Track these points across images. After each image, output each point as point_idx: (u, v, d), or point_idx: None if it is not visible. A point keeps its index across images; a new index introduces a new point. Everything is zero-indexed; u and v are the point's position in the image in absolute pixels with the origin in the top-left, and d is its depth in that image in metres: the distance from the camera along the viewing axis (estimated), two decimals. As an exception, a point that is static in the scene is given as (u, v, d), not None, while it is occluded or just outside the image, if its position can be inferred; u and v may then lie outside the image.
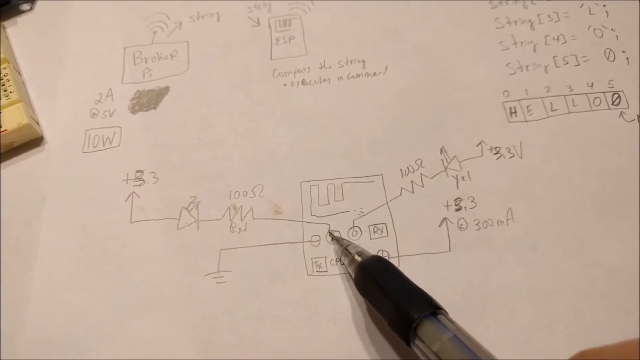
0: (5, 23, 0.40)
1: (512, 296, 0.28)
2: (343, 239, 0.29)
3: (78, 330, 0.29)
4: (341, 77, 0.35)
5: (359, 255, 0.27)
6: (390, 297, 0.24)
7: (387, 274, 0.26)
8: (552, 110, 0.32)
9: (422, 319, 0.23)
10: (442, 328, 0.22)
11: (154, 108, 0.35)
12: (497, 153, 0.31)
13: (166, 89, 0.36)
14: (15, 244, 0.32)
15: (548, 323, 0.27)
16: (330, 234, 0.30)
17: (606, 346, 0.20)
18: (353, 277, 0.27)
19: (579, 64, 0.34)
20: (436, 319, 0.23)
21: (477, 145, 0.32)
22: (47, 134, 0.35)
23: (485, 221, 0.30)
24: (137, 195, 0.32)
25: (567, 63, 0.34)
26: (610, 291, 0.27)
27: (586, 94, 0.33)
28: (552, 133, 0.32)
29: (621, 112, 0.32)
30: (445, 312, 0.24)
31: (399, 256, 0.29)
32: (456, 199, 0.30)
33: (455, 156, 0.32)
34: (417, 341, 0.23)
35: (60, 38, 0.39)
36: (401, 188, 0.31)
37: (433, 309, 0.23)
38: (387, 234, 0.30)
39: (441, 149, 0.32)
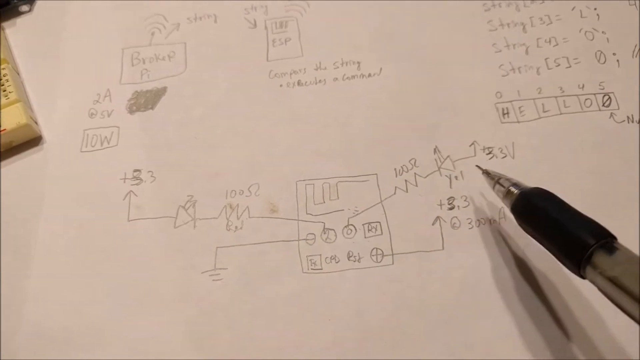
0: (5, 24, 0.40)
1: (505, 294, 0.28)
2: (493, 173, 0.29)
3: (76, 327, 0.29)
4: (336, 78, 0.36)
5: (516, 187, 0.26)
6: (561, 224, 0.23)
7: (554, 203, 0.25)
8: (544, 112, 0.33)
9: (597, 247, 0.22)
10: (619, 255, 0.22)
11: (152, 108, 0.36)
12: (489, 153, 0.32)
13: (164, 90, 0.36)
14: (14, 243, 0.32)
15: (542, 322, 0.27)
16: (479, 167, 0.30)
17: None
18: (510, 206, 0.26)
19: (570, 66, 0.34)
20: (613, 246, 0.22)
21: (470, 146, 0.32)
22: (46, 134, 0.35)
23: (478, 220, 0.30)
24: (135, 194, 0.33)
25: (559, 65, 0.34)
26: (600, 289, 0.28)
27: (577, 95, 0.33)
28: (543, 134, 0.32)
29: (611, 113, 0.32)
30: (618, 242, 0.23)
31: (392, 254, 0.29)
32: (449, 198, 0.31)
33: (448, 156, 0.32)
34: (589, 268, 0.22)
35: (58, 39, 0.39)
36: (395, 187, 0.31)
37: (608, 237, 0.22)
38: (382, 232, 0.30)
39: (435, 149, 0.32)
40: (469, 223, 0.30)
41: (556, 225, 0.24)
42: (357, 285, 0.29)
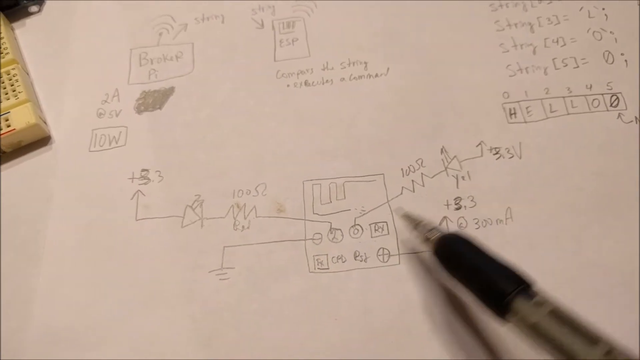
0: (14, 24, 0.41)
1: (510, 294, 0.28)
2: (413, 217, 0.29)
3: (84, 326, 0.29)
4: (343, 79, 0.36)
5: (435, 231, 0.27)
6: (480, 270, 0.24)
7: (473, 248, 0.25)
8: (551, 112, 0.33)
9: (517, 293, 0.22)
10: (538, 301, 0.22)
11: (159, 108, 0.36)
12: (496, 153, 0.32)
13: (171, 90, 0.37)
14: (22, 242, 0.32)
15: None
16: (400, 211, 0.30)
17: None
18: (433, 251, 0.27)
19: (578, 66, 0.34)
20: (532, 292, 0.22)
21: (477, 146, 0.32)
22: (54, 133, 0.36)
23: (484, 220, 0.30)
24: (143, 194, 0.33)
25: (566, 65, 0.34)
26: (606, 290, 0.28)
27: (585, 95, 0.33)
28: (551, 134, 0.32)
29: (619, 113, 0.32)
30: (536, 287, 0.23)
31: (399, 254, 0.29)
32: (456, 198, 0.31)
33: (455, 156, 0.32)
34: (509, 315, 0.22)
35: (67, 39, 0.39)
36: (402, 187, 0.31)
37: (526, 283, 0.23)
38: (388, 232, 0.30)
39: (442, 149, 0.32)
40: (476, 223, 0.30)
41: (475, 272, 0.24)
42: (364, 285, 0.29)
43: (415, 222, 0.28)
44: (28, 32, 0.40)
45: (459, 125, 0.33)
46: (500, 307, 0.23)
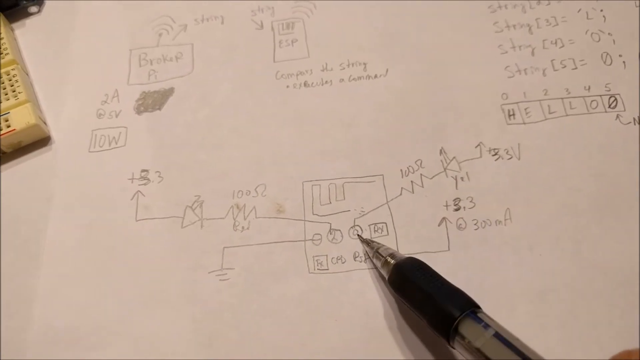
0: (14, 25, 0.41)
1: (509, 295, 0.28)
2: (373, 241, 0.29)
3: (84, 326, 0.29)
4: (343, 79, 0.36)
5: (392, 258, 0.27)
6: (430, 296, 0.25)
7: (424, 274, 0.26)
8: (550, 113, 0.33)
9: (463, 317, 0.23)
10: (484, 325, 0.23)
11: (159, 109, 0.36)
12: (495, 154, 0.32)
13: (171, 90, 0.37)
14: (23, 242, 0.32)
15: (544, 322, 0.27)
16: (359, 236, 0.30)
17: None
18: (387, 277, 0.27)
19: (576, 68, 0.34)
20: (477, 317, 0.23)
21: (476, 147, 0.32)
22: (54, 134, 0.36)
23: (483, 221, 0.30)
24: (142, 194, 0.33)
25: (565, 66, 0.34)
26: (605, 291, 0.28)
27: (583, 97, 0.33)
28: (549, 135, 0.32)
29: (617, 114, 0.32)
30: (483, 311, 0.24)
31: (398, 255, 0.30)
32: (455, 199, 0.31)
33: (454, 157, 0.32)
34: (458, 339, 0.23)
35: (67, 40, 0.39)
36: (401, 188, 0.31)
37: (473, 307, 0.24)
38: (388, 233, 0.30)
39: (441, 150, 0.32)
40: (475, 224, 0.30)
41: (426, 298, 0.25)
42: (363, 285, 0.29)
43: (375, 248, 0.29)
44: (28, 33, 0.40)
45: (458, 126, 0.33)
46: (448, 332, 0.23)
